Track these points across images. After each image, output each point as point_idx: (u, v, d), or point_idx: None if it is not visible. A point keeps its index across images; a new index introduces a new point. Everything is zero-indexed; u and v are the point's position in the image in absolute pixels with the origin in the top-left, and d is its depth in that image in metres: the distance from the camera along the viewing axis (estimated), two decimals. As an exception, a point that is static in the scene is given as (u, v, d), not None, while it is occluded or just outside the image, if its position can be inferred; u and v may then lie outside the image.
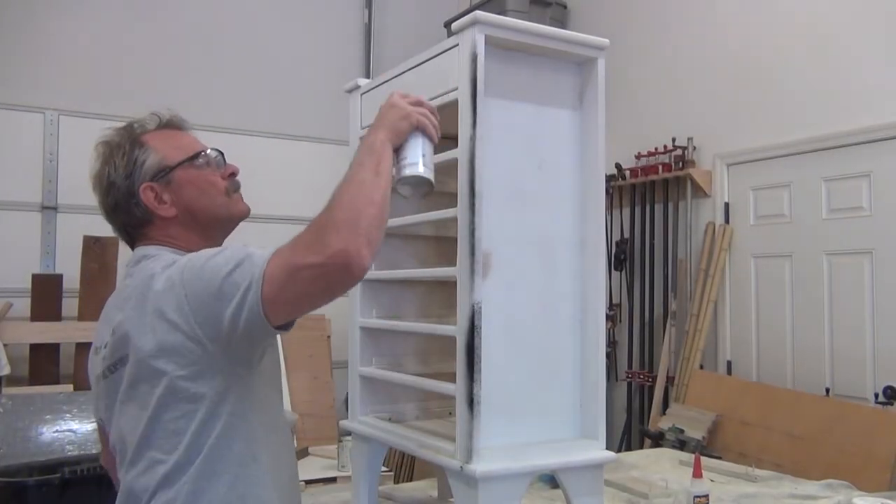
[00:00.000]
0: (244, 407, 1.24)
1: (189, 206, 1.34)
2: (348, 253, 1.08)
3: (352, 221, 1.10)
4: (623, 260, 4.10)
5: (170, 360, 1.19)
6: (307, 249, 1.10)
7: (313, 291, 1.12)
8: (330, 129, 4.27)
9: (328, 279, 1.10)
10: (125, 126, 1.39)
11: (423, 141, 1.31)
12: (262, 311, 1.11)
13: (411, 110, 1.30)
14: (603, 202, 1.50)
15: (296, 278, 1.10)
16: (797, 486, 2.23)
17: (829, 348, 3.19)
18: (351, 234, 1.09)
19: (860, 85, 3.10)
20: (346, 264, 1.08)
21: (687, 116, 3.84)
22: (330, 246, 1.08)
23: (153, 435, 1.23)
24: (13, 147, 3.73)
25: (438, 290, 1.85)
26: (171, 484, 1.21)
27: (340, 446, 2.89)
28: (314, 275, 1.09)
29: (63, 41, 3.88)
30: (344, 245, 1.08)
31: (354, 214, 1.11)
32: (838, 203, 3.19)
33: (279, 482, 1.31)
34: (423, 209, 1.76)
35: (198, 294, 1.16)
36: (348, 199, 1.14)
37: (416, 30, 4.68)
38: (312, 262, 1.08)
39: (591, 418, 1.47)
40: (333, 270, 1.09)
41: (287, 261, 1.11)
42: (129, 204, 1.32)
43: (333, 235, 1.09)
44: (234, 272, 1.13)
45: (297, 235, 1.14)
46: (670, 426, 3.31)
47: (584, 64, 1.51)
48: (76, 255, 3.50)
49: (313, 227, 1.13)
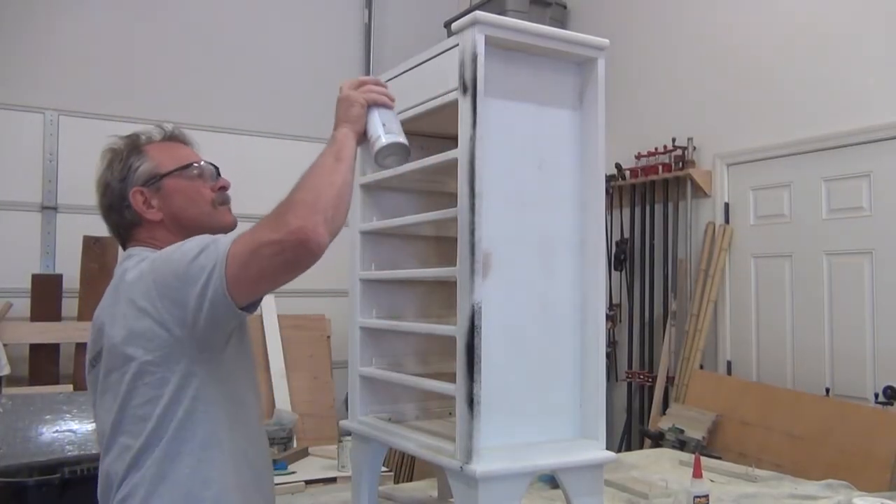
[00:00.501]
0: (209, 392, 1.29)
1: (175, 213, 1.41)
2: (306, 230, 1.13)
3: (310, 201, 1.17)
4: (623, 260, 4.10)
5: (138, 346, 1.25)
6: (267, 228, 1.16)
7: (273, 268, 1.17)
8: (330, 129, 4.26)
9: (286, 255, 1.15)
10: (131, 135, 1.47)
11: (379, 112, 1.36)
12: (227, 291, 1.17)
13: (355, 95, 1.36)
14: (603, 202, 1.50)
15: (257, 255, 1.16)
16: (797, 487, 2.23)
17: (829, 348, 3.19)
18: (309, 213, 1.15)
19: (860, 85, 3.10)
20: (303, 240, 1.13)
21: (687, 116, 3.84)
22: (288, 224, 1.14)
23: (123, 421, 1.28)
24: (13, 147, 3.73)
25: (438, 290, 1.85)
26: (139, 467, 1.26)
27: (340, 446, 2.90)
28: (273, 251, 1.15)
29: (63, 41, 3.88)
30: (302, 223, 1.14)
31: (313, 195, 1.18)
32: (838, 203, 3.19)
33: (244, 468, 1.35)
34: (424, 209, 1.77)
35: (165, 279, 1.22)
36: (308, 182, 1.22)
37: (416, 30, 4.68)
38: (272, 238, 1.14)
39: (591, 418, 1.47)
40: (291, 247, 1.14)
41: (248, 240, 1.17)
42: (121, 206, 1.41)
43: (291, 214, 1.15)
44: (199, 256, 1.20)
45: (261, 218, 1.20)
46: (670, 426, 3.31)
47: (584, 64, 1.51)
48: (76, 255, 3.50)
49: (275, 209, 1.19)
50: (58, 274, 3.61)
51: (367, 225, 1.79)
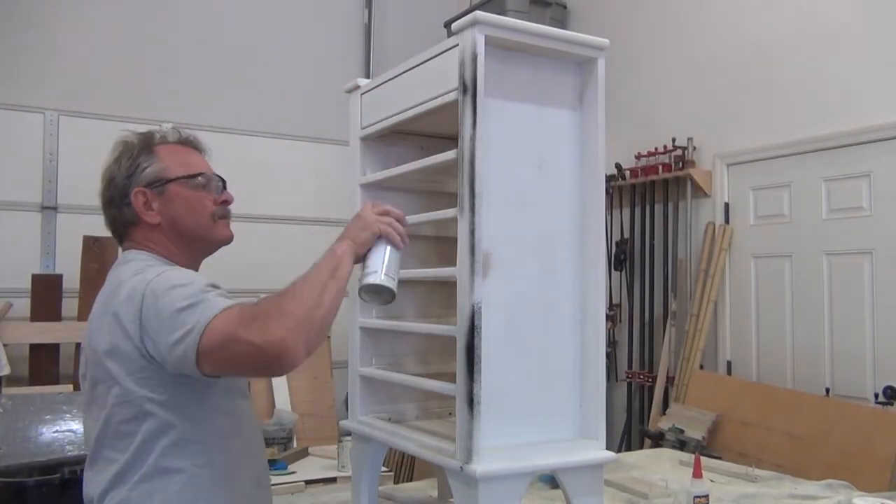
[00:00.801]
0: (196, 413, 1.29)
1: (174, 219, 1.41)
2: (286, 345, 1.12)
3: (300, 318, 1.15)
4: (623, 260, 4.10)
5: (121, 365, 1.25)
6: (250, 326, 1.13)
7: (242, 365, 1.18)
8: (330, 129, 4.27)
9: (258, 361, 1.14)
10: (147, 132, 1.46)
11: (388, 249, 1.38)
12: (195, 359, 1.16)
13: (374, 220, 1.37)
14: (603, 202, 1.50)
15: (230, 347, 1.14)
16: (797, 487, 2.22)
17: (829, 348, 3.19)
18: (294, 329, 1.13)
19: (860, 85, 3.10)
20: (279, 354, 1.12)
21: (687, 116, 3.84)
22: (271, 332, 1.12)
23: (107, 435, 1.28)
24: (13, 147, 3.73)
25: (438, 290, 1.85)
26: (125, 482, 1.26)
27: (340, 446, 2.89)
28: (248, 352, 1.13)
29: (63, 41, 3.88)
30: (285, 336, 1.12)
31: (304, 312, 1.16)
32: (838, 203, 3.19)
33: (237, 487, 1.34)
34: (424, 209, 1.77)
35: (150, 316, 1.22)
36: (301, 296, 1.19)
37: (416, 30, 4.68)
38: (250, 339, 1.12)
39: (591, 418, 1.47)
40: (265, 356, 1.12)
41: (229, 327, 1.15)
42: (121, 203, 1.40)
43: (279, 324, 1.13)
44: (184, 311, 1.18)
45: (250, 306, 1.18)
46: (670, 426, 3.31)
47: (584, 64, 1.51)
48: (76, 255, 3.50)
49: (263, 308, 1.16)
50: (58, 274, 3.61)
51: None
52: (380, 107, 1.71)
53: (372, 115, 1.75)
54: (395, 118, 1.64)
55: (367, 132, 1.77)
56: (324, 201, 4.34)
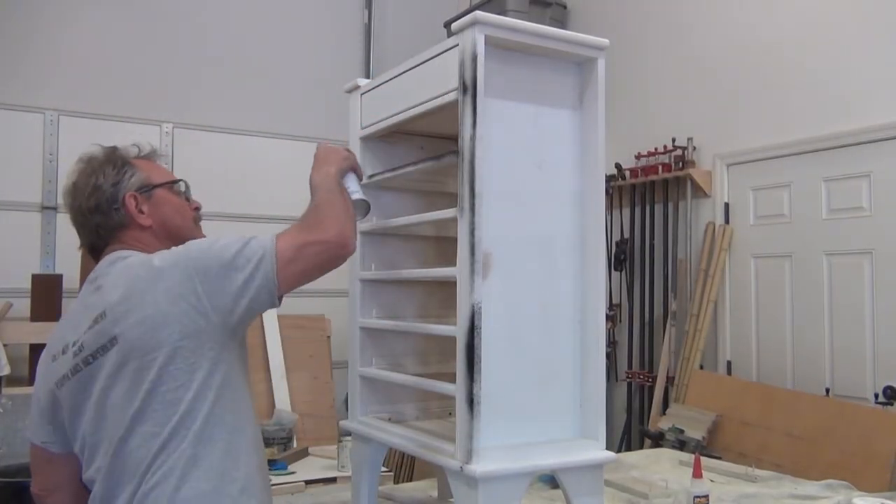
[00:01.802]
0: (231, 379, 1.37)
1: (164, 221, 1.51)
2: (345, 234, 1.35)
3: (342, 216, 1.38)
4: (623, 260, 4.10)
5: (172, 330, 1.29)
6: (312, 231, 1.34)
7: (316, 265, 1.34)
8: (330, 129, 4.26)
9: (329, 254, 1.34)
10: (110, 148, 1.56)
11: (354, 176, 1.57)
12: (275, 280, 1.30)
13: (343, 156, 1.55)
14: (603, 202, 1.50)
15: (302, 252, 1.32)
16: (797, 487, 2.23)
17: (829, 348, 3.19)
18: (345, 223, 1.37)
19: (860, 85, 3.10)
20: (343, 243, 1.35)
21: (687, 116, 3.85)
22: (329, 229, 1.34)
23: (148, 408, 1.31)
24: (13, 147, 3.73)
25: (438, 290, 1.85)
26: (169, 451, 1.30)
27: (340, 446, 2.90)
28: (318, 250, 1.33)
29: (63, 41, 3.88)
30: (341, 228, 1.35)
31: (342, 212, 1.39)
32: (838, 203, 3.19)
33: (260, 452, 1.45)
34: (424, 209, 1.77)
35: (208, 267, 1.31)
36: (333, 204, 1.40)
37: (416, 30, 4.68)
38: (319, 238, 1.33)
39: (591, 418, 1.47)
40: (334, 247, 1.34)
41: (296, 240, 1.33)
42: (109, 208, 1.47)
43: (329, 222, 1.35)
44: (244, 249, 1.31)
45: (295, 225, 1.37)
46: (670, 426, 3.31)
47: (583, 64, 1.51)
48: (76, 255, 3.49)
49: (310, 217, 1.38)
50: (58, 274, 3.60)
51: (367, 225, 1.79)
52: (380, 107, 1.71)
53: (372, 115, 1.75)
54: (395, 118, 1.64)
55: (367, 132, 1.78)
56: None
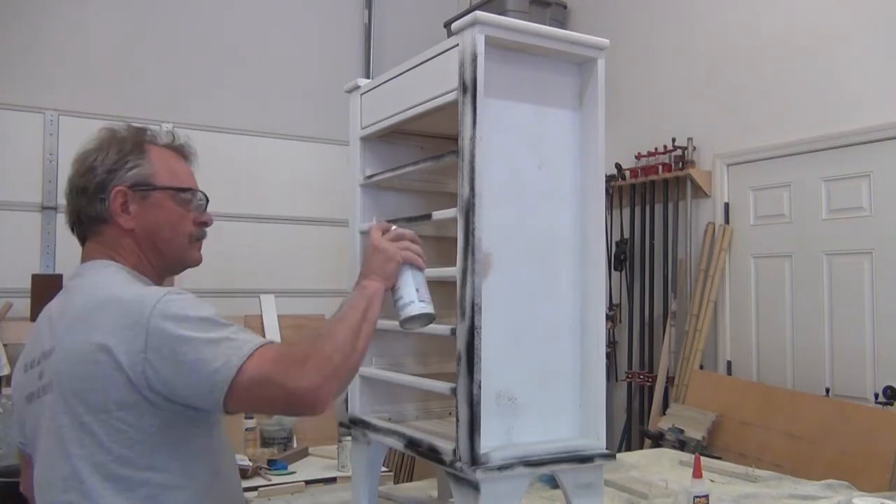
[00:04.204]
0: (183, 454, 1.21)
1: (150, 228, 1.32)
2: (319, 392, 1.11)
3: (335, 365, 1.14)
4: (623, 260, 4.10)
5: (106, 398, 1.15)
6: (288, 370, 1.11)
7: (268, 407, 1.16)
8: (330, 129, 4.27)
9: (288, 404, 1.13)
10: (138, 127, 1.38)
11: (413, 273, 1.37)
12: (222, 398, 1.11)
13: (394, 249, 1.35)
14: (603, 202, 1.50)
15: (263, 389, 1.11)
16: (797, 486, 2.22)
17: (829, 348, 3.19)
18: (330, 377, 1.13)
19: (860, 85, 3.10)
20: (311, 402, 1.11)
21: (687, 116, 3.85)
22: (307, 378, 1.10)
23: None
24: (13, 147, 3.73)
25: (438, 290, 1.84)
26: None
27: (340, 446, 2.89)
28: (276, 396, 1.11)
29: (63, 41, 3.88)
30: (320, 383, 1.11)
31: (339, 359, 1.15)
32: (838, 203, 3.19)
33: None
34: (424, 209, 1.77)
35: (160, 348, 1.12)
36: (337, 341, 1.17)
37: (416, 30, 4.68)
38: (285, 383, 1.10)
39: (591, 418, 1.47)
40: (296, 403, 1.11)
41: (263, 370, 1.10)
42: (94, 196, 1.31)
43: (314, 370, 1.11)
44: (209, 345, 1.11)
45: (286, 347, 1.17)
46: (670, 426, 3.31)
47: (584, 64, 1.51)
48: (76, 255, 3.49)
49: (301, 351, 1.14)
50: (58, 274, 3.61)
51: (367, 225, 1.78)
52: (380, 107, 1.71)
53: (372, 115, 1.75)
54: (395, 118, 1.64)
55: (367, 132, 1.77)
56: (324, 201, 4.34)
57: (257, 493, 2.54)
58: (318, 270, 4.33)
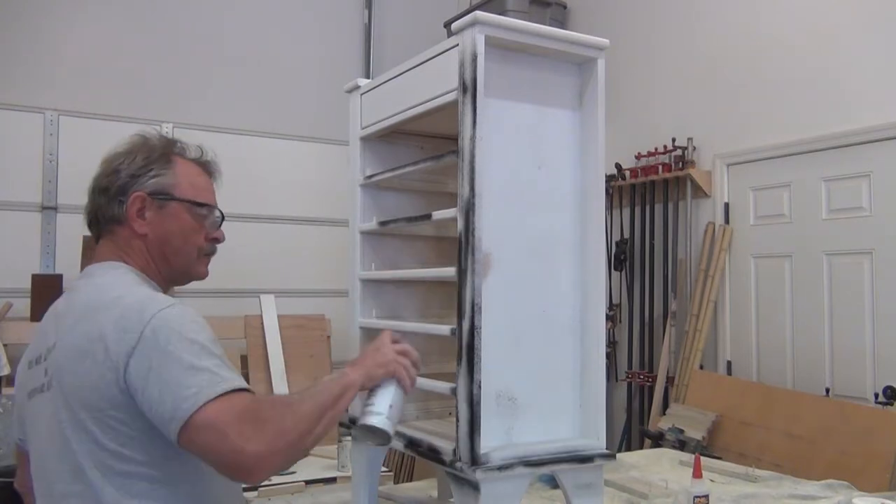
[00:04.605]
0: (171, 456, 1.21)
1: (162, 236, 1.35)
2: (260, 462, 1.08)
3: (291, 440, 1.12)
4: (623, 260, 4.10)
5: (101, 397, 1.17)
6: (243, 429, 1.09)
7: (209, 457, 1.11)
8: (330, 129, 4.27)
9: (230, 462, 1.10)
10: (169, 138, 1.43)
11: (395, 391, 1.34)
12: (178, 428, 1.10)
13: (392, 360, 1.35)
14: (603, 202, 1.50)
15: (214, 436, 1.09)
16: (797, 486, 2.22)
17: (829, 348, 3.19)
18: (281, 450, 1.11)
19: (860, 85, 3.10)
20: (249, 468, 1.09)
21: (687, 116, 3.85)
22: (257, 444, 1.08)
23: None
24: (13, 147, 3.73)
25: (438, 290, 1.85)
26: None
27: (340, 446, 2.90)
28: (222, 451, 1.09)
29: (63, 41, 3.88)
30: (265, 454, 1.09)
31: (296, 435, 1.13)
32: (838, 203, 3.19)
33: None
34: (424, 209, 1.77)
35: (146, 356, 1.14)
36: (300, 416, 1.15)
37: (416, 30, 4.68)
38: (234, 441, 1.08)
39: (591, 418, 1.47)
40: (240, 463, 1.09)
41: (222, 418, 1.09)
42: (115, 197, 1.34)
43: (265, 439, 1.09)
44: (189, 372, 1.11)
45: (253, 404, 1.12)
46: (670, 426, 3.31)
47: (584, 64, 1.51)
48: (76, 255, 3.50)
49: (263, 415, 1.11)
50: (58, 274, 3.60)
51: (367, 225, 1.79)
52: (380, 107, 1.71)
53: (372, 115, 1.75)
54: (395, 118, 1.64)
55: (367, 132, 1.78)
56: (324, 201, 4.34)
57: (257, 492, 2.54)
58: (318, 270, 4.33)
